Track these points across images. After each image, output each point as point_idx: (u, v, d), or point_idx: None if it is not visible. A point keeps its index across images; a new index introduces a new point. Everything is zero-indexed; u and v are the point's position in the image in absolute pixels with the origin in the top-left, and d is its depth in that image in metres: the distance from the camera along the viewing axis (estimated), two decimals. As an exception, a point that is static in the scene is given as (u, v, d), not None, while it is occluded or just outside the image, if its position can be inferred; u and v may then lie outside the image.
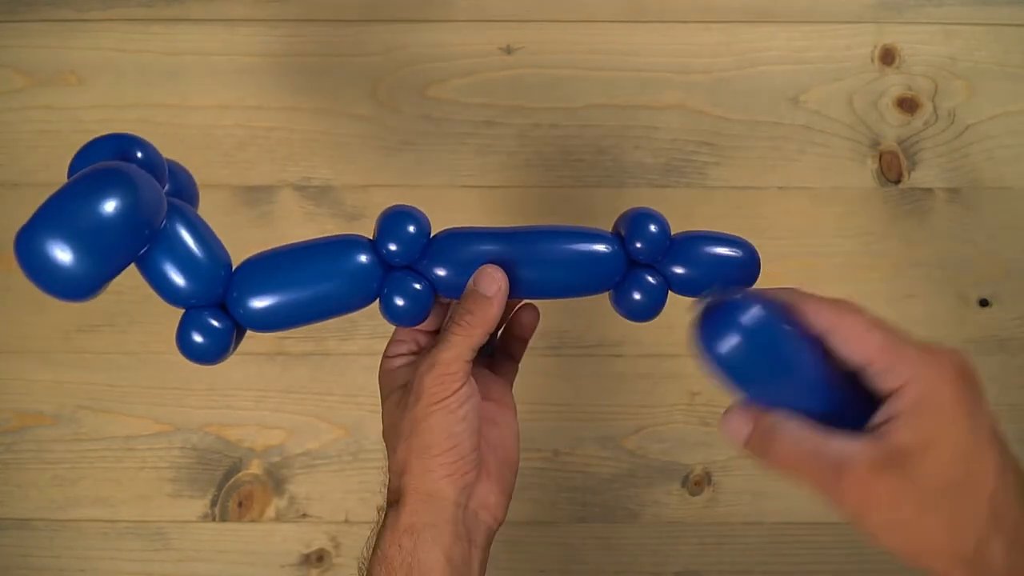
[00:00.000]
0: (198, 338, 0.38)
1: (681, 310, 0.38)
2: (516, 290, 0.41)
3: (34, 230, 0.33)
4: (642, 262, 0.42)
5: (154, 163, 0.38)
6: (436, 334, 0.45)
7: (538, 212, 0.69)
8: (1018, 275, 0.68)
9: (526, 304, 0.47)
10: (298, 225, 0.68)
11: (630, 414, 0.66)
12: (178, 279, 0.37)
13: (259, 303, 0.38)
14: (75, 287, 0.33)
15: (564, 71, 0.72)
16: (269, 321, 0.39)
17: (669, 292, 0.43)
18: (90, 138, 0.74)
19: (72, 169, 0.37)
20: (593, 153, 0.70)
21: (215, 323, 0.38)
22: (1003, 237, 0.69)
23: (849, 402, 0.33)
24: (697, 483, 0.66)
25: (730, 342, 0.32)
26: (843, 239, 0.69)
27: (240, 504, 0.65)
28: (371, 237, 0.41)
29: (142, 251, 0.36)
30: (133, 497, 0.65)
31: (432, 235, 0.41)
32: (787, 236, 0.69)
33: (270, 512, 0.65)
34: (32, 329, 0.67)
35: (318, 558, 0.64)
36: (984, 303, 0.68)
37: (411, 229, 0.40)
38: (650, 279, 0.42)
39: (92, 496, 0.65)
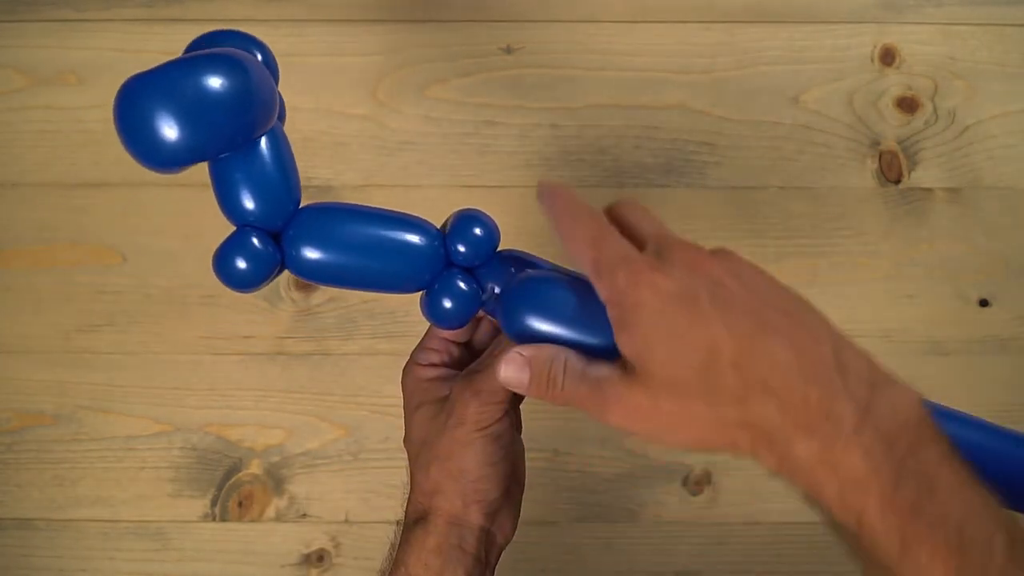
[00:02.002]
0: (241, 263, 0.35)
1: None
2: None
3: (142, 86, 0.31)
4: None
5: (271, 68, 0.37)
6: (466, 346, 0.44)
7: (539, 212, 0.69)
8: (1018, 275, 0.68)
9: None
10: (298, 225, 0.68)
11: (630, 414, 0.66)
12: (248, 198, 0.35)
13: (313, 253, 0.37)
14: (161, 154, 0.32)
15: (564, 71, 0.72)
16: (315, 272, 0.37)
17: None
18: (91, 138, 0.74)
19: (189, 51, 0.35)
20: (593, 153, 0.70)
21: (263, 251, 0.36)
22: (1003, 237, 0.69)
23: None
24: (697, 483, 0.66)
25: (523, 320, 0.35)
26: (843, 239, 0.69)
27: (240, 504, 0.65)
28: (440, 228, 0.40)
29: (237, 146, 0.34)
30: (133, 497, 0.65)
31: (498, 249, 0.40)
32: (787, 236, 0.69)
33: (270, 512, 0.65)
34: (32, 329, 0.67)
35: (318, 558, 0.64)
36: (984, 303, 0.68)
37: (478, 232, 0.39)
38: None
39: (92, 496, 0.65)
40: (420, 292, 0.40)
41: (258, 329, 0.67)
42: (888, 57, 0.72)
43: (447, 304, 0.39)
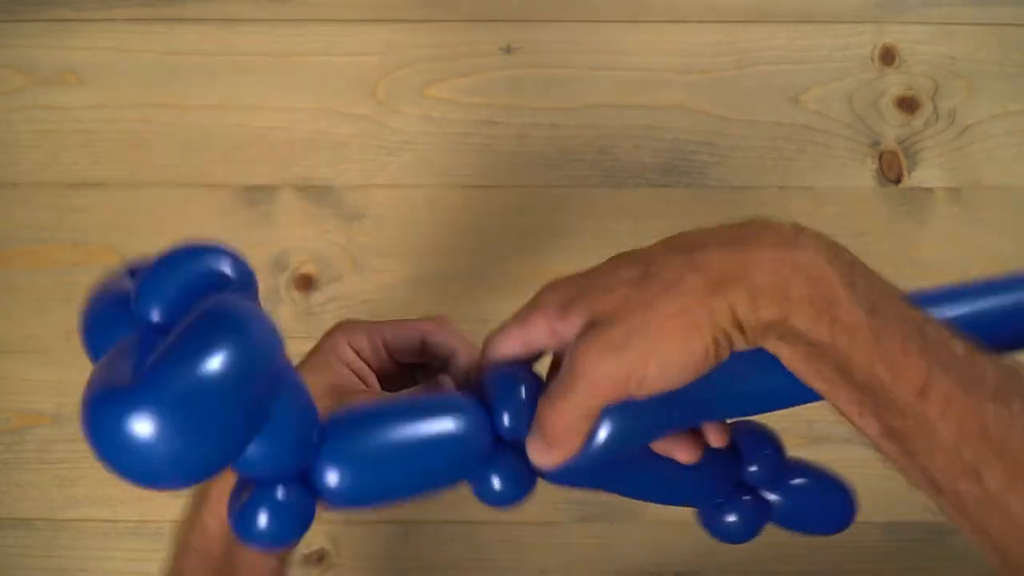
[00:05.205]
0: (266, 521, 0.28)
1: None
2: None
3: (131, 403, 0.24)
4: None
5: (250, 283, 0.29)
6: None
7: (539, 212, 0.69)
8: (1018, 275, 0.68)
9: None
10: (298, 225, 0.68)
11: (630, 414, 0.66)
12: (268, 466, 0.27)
13: (350, 480, 0.30)
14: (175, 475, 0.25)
15: (564, 71, 0.72)
16: (361, 498, 0.31)
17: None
18: (91, 137, 0.73)
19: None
20: (593, 153, 0.70)
21: (293, 501, 0.28)
22: (1003, 237, 0.69)
23: None
24: (697, 483, 0.66)
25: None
26: (843, 239, 0.69)
27: (240, 504, 0.65)
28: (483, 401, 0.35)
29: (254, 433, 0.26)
30: (133, 497, 0.65)
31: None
32: (787, 236, 0.69)
33: (270, 512, 0.65)
34: (32, 329, 0.67)
35: (318, 558, 0.64)
36: (984, 303, 0.68)
37: (523, 394, 0.34)
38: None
39: (92, 496, 0.65)
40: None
41: (258, 329, 0.67)
42: (888, 57, 0.72)
43: (498, 487, 0.36)
